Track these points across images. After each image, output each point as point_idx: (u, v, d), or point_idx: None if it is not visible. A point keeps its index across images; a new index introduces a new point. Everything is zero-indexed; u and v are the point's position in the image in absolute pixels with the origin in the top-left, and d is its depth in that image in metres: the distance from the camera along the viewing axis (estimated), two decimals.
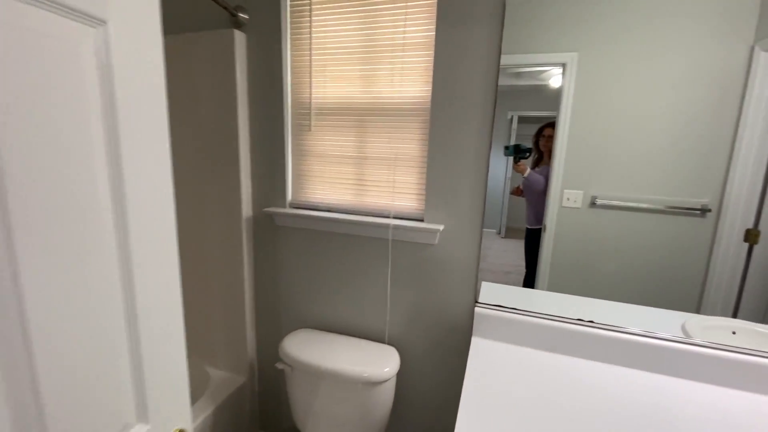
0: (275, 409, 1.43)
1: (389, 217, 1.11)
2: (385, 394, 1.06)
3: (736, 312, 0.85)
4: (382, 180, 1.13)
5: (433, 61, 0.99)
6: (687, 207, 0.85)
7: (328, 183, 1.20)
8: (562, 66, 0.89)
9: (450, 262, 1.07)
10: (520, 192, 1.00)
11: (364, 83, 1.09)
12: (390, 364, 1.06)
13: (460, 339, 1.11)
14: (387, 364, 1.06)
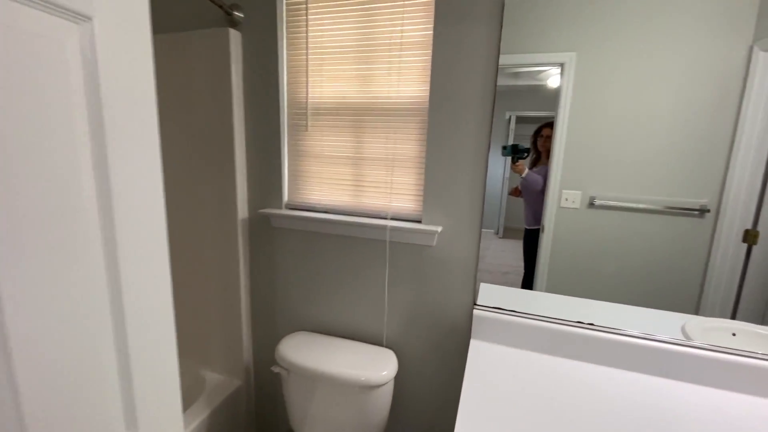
0: (271, 413, 1.41)
1: (387, 219, 1.10)
2: (383, 397, 1.05)
3: (734, 313, 0.85)
4: (379, 181, 1.12)
5: (431, 61, 0.98)
6: (686, 207, 0.85)
7: (324, 184, 1.18)
8: (560, 66, 0.89)
9: (448, 263, 1.06)
10: (518, 192, 0.99)
11: (361, 83, 1.08)
12: (388, 367, 1.05)
13: (458, 341, 1.10)
14: (385, 367, 1.05)
